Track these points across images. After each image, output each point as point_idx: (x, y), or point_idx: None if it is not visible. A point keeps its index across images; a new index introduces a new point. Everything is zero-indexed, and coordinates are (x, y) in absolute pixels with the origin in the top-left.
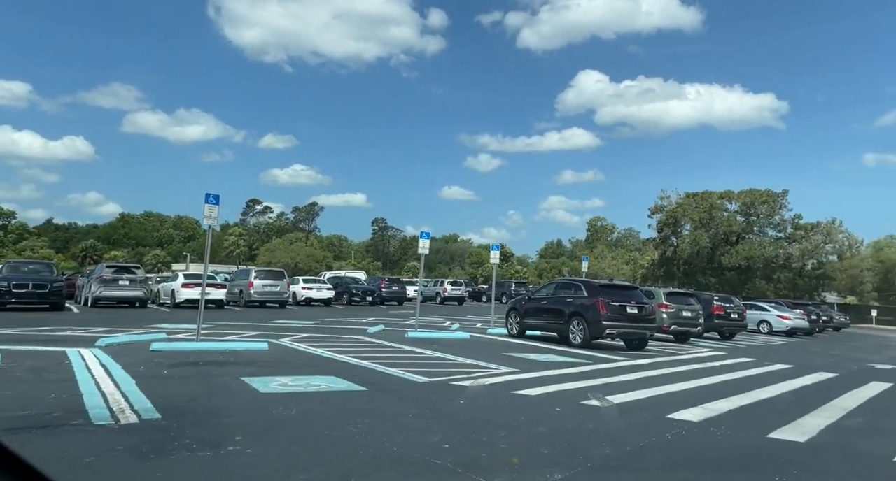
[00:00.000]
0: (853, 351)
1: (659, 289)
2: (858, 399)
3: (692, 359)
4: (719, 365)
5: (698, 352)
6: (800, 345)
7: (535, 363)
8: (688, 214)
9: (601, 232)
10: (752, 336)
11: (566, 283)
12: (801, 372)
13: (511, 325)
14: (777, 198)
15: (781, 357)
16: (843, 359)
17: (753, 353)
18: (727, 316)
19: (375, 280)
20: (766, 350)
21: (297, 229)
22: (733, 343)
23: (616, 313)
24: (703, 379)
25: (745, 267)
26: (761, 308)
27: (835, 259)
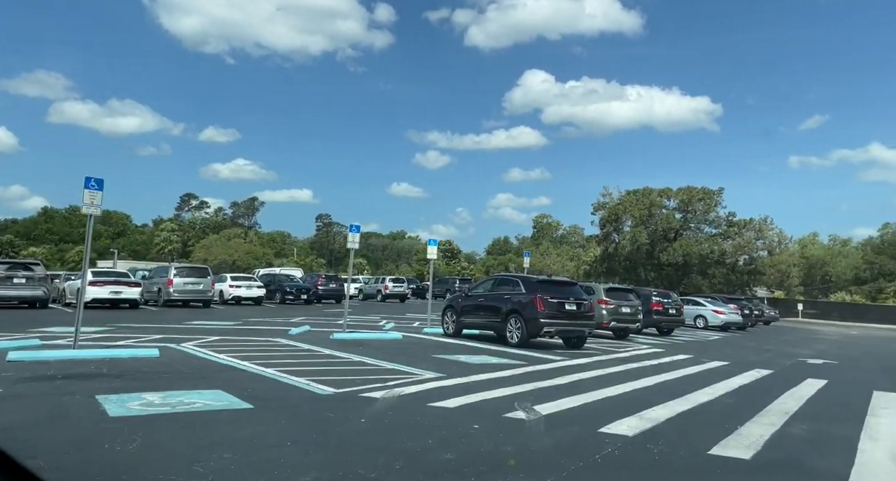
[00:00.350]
0: (784, 345)
1: (599, 285)
2: (797, 400)
3: (630, 357)
4: (657, 363)
5: (637, 349)
6: (734, 340)
7: (466, 366)
8: (628, 211)
9: (547, 229)
10: (689, 331)
11: (504, 279)
12: (737, 370)
13: (447, 324)
14: (713, 195)
15: (718, 353)
16: (777, 354)
17: (691, 350)
18: (665, 311)
19: (312, 277)
20: (703, 346)
21: (236, 225)
22: (671, 339)
23: (554, 310)
24: (641, 380)
25: (682, 263)
26: (697, 303)
27: (765, 255)
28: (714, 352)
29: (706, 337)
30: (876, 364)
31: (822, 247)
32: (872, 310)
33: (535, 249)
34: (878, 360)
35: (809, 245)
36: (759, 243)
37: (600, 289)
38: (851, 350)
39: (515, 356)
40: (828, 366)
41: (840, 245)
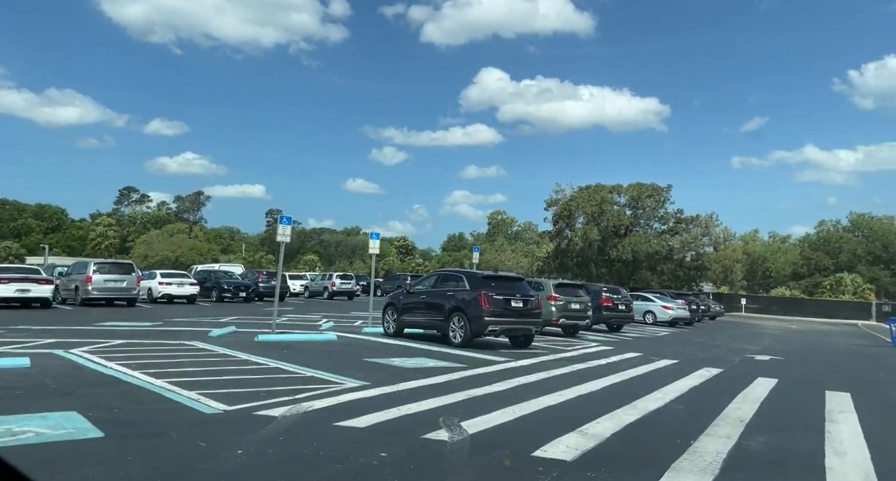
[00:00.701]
0: (731, 340)
1: (548, 281)
2: (751, 403)
3: (578, 356)
4: (605, 363)
5: (585, 347)
6: (683, 336)
7: (397, 371)
8: (581, 207)
9: (502, 225)
10: (639, 327)
11: (447, 275)
12: (687, 369)
13: (387, 323)
14: (662, 192)
15: (667, 350)
16: (724, 351)
17: (640, 347)
18: (615, 307)
19: (253, 273)
20: (652, 342)
21: (181, 220)
22: (621, 335)
23: (500, 308)
24: (587, 384)
25: (632, 259)
26: (646, 299)
27: (711, 251)
28: (663, 350)
29: (655, 333)
30: (820, 360)
31: (763, 243)
32: (810, 304)
33: (489, 246)
34: (821, 356)
35: (751, 241)
36: (706, 239)
37: (549, 284)
38: (795, 344)
39: (456, 358)
40: (776, 363)
41: (779, 242)
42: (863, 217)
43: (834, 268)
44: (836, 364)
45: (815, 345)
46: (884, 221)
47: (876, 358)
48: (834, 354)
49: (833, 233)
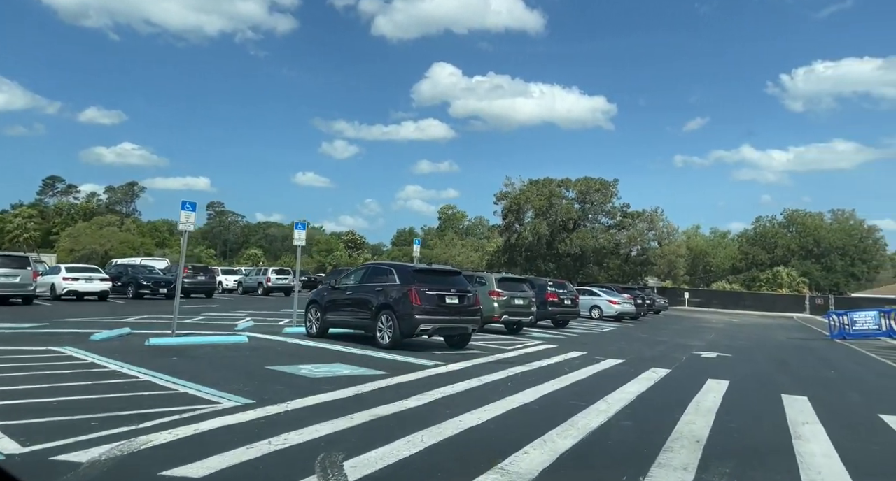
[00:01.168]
0: (676, 335)
1: (490, 275)
2: (705, 415)
3: (518, 357)
4: (546, 365)
5: (528, 345)
6: (628, 332)
7: (300, 382)
8: (530, 201)
9: (453, 220)
10: (585, 322)
11: (377, 269)
12: (633, 370)
13: (310, 323)
14: (609, 187)
15: (612, 347)
16: (670, 347)
17: (585, 344)
18: (561, 302)
19: (177, 268)
20: (598, 339)
21: (112, 212)
22: (566, 331)
23: (433, 304)
24: (522, 393)
25: (580, 253)
26: (593, 293)
27: (656, 245)
28: (608, 347)
29: (601, 328)
30: (767, 356)
31: (704, 239)
32: (748, 297)
33: (440, 241)
34: (767, 352)
35: (693, 237)
36: (651, 234)
37: (492, 279)
38: (738, 339)
39: (379, 363)
40: (723, 362)
41: (719, 237)
42: (796, 213)
43: (770, 262)
44: (784, 361)
45: (757, 339)
46: (815, 217)
47: (819, 353)
48: (779, 349)
49: (769, 228)
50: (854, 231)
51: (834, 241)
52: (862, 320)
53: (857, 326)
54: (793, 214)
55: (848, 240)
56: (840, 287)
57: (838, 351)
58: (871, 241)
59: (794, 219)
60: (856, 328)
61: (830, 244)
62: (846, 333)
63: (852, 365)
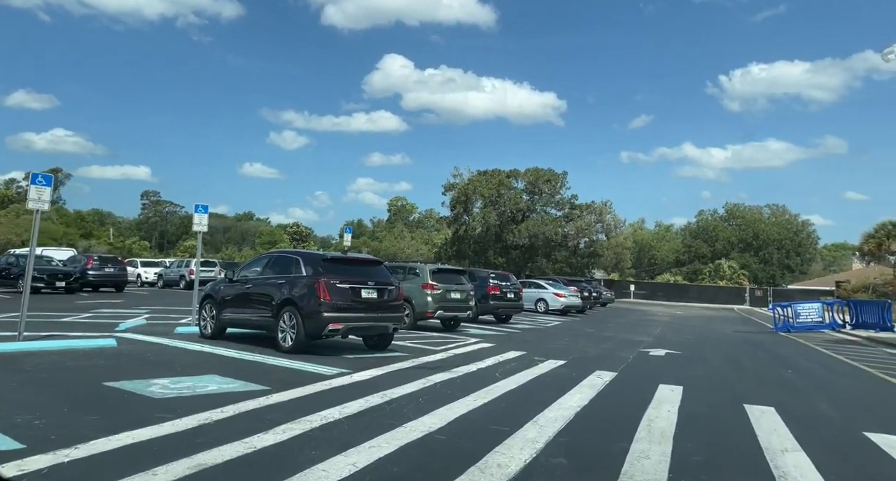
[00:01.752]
0: (622, 330)
1: (424, 266)
2: (661, 444)
3: (445, 361)
4: (475, 371)
5: (461, 344)
6: (574, 327)
7: (134, 408)
8: (478, 191)
9: (402, 212)
10: (530, 316)
11: (281, 257)
12: (575, 375)
13: (204, 321)
14: (558, 178)
15: (555, 345)
16: (617, 344)
17: (526, 342)
18: (503, 296)
19: (82, 259)
20: (541, 335)
21: None
22: (509, 327)
23: (346, 300)
24: (429, 416)
25: (529, 245)
26: (539, 286)
27: (603, 237)
28: (551, 345)
29: (546, 323)
30: (718, 353)
31: (649, 232)
32: (692, 289)
33: (389, 233)
34: (717, 348)
35: (638, 230)
36: (599, 226)
37: (426, 270)
38: (686, 333)
39: (269, 373)
40: (674, 361)
41: (663, 231)
42: (737, 207)
43: (711, 255)
44: (736, 359)
45: (704, 333)
46: (754, 211)
47: (769, 348)
48: (728, 345)
49: (711, 222)
50: (789, 225)
51: (771, 235)
52: (806, 313)
53: (800, 319)
54: (733, 208)
55: (784, 233)
56: (776, 279)
57: (787, 345)
58: (804, 235)
59: (735, 212)
60: (800, 320)
61: (768, 237)
62: (790, 326)
63: (806, 362)
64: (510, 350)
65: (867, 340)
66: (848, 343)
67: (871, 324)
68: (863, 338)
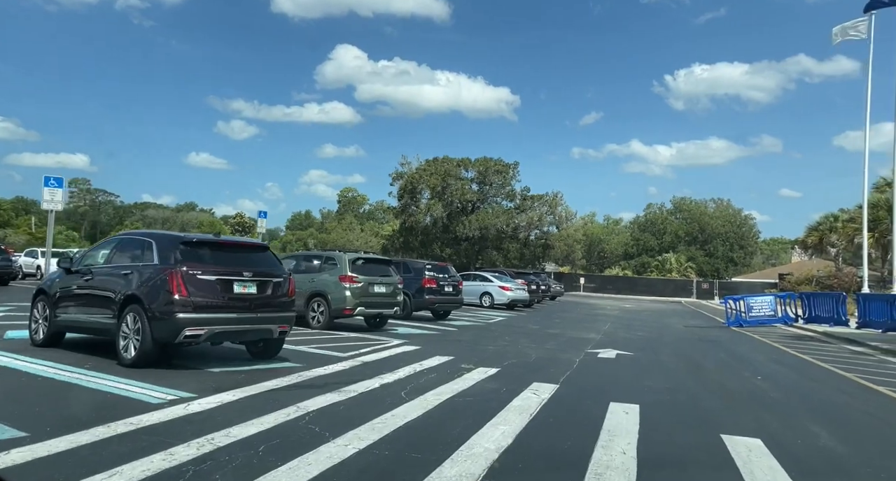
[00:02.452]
0: (570, 326)
1: (343, 255)
2: None
3: (345, 373)
4: (378, 388)
5: (377, 349)
6: (518, 323)
7: None
8: (425, 181)
9: (353, 203)
10: (473, 311)
11: (130, 241)
12: (506, 391)
13: (35, 324)
14: (509, 168)
15: (492, 347)
16: (562, 344)
17: (458, 343)
18: (440, 290)
19: None
20: (479, 334)
21: None
22: (445, 324)
23: (212, 296)
24: (302, 459)
25: (479, 236)
26: (484, 279)
27: (555, 229)
28: (486, 347)
29: (489, 318)
30: (674, 353)
31: (599, 226)
32: (640, 282)
33: (338, 224)
34: (672, 347)
35: (589, 224)
36: (550, 218)
37: (344, 260)
38: (637, 329)
39: (72, 402)
40: (626, 367)
41: (613, 224)
42: (683, 200)
43: (659, 248)
44: (696, 363)
45: (656, 329)
46: (700, 205)
47: (727, 347)
48: (683, 343)
49: (658, 215)
50: (733, 219)
51: (716, 228)
52: (758, 306)
53: (753, 312)
54: (680, 202)
55: (729, 227)
56: (720, 272)
57: (745, 343)
58: (747, 229)
59: (681, 206)
60: (752, 314)
61: (713, 231)
62: (742, 320)
63: (773, 364)
64: (436, 354)
65: (824, 336)
66: (807, 339)
67: (825, 317)
68: (819, 334)
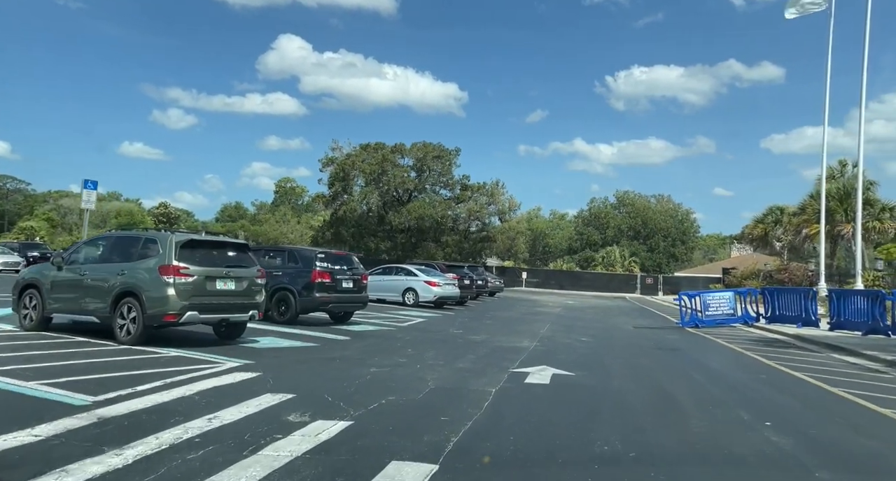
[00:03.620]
0: (502, 328)
1: (167, 237)
2: None
3: (43, 447)
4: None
5: (179, 382)
6: (438, 326)
7: None
8: (358, 167)
9: (291, 194)
10: (392, 310)
11: None
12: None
13: None
14: (449, 155)
15: (372, 372)
16: (482, 358)
17: (322, 368)
18: (336, 285)
19: None
20: (369, 349)
21: None
22: (340, 329)
23: None
24: None
25: (416, 228)
26: (408, 273)
27: (497, 221)
28: (364, 372)
29: (404, 321)
30: (629, 370)
31: (544, 221)
32: (584, 277)
33: (272, 216)
34: (625, 359)
35: (534, 218)
36: (492, 208)
37: (169, 243)
38: (580, 331)
39: None
40: (565, 403)
41: (558, 219)
42: (626, 194)
43: (602, 242)
44: (666, 394)
45: (602, 331)
46: (643, 199)
47: (695, 358)
48: (639, 354)
49: (602, 209)
50: (675, 213)
51: (659, 223)
52: (716, 304)
53: (710, 311)
54: (623, 196)
55: (670, 221)
56: (662, 267)
57: (712, 351)
58: (688, 224)
59: (625, 200)
60: (709, 313)
61: (656, 226)
62: (698, 319)
63: (770, 391)
64: (267, 392)
65: (797, 339)
66: (780, 344)
67: (791, 317)
68: (791, 337)
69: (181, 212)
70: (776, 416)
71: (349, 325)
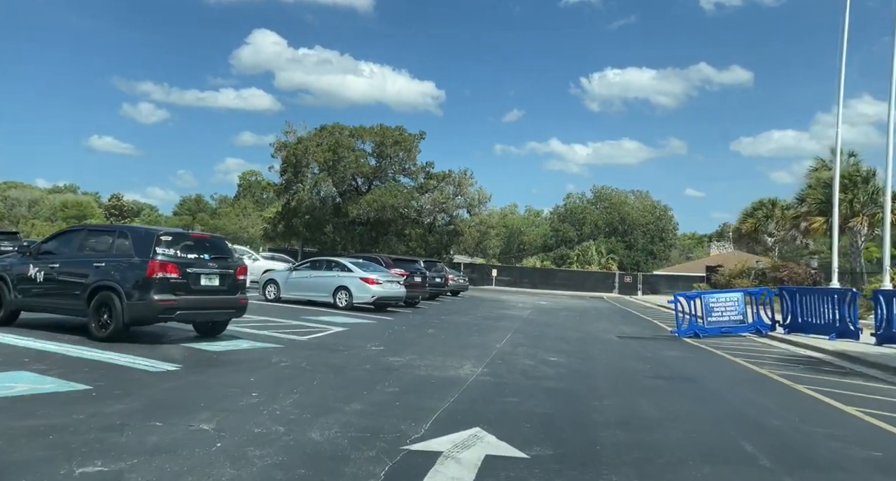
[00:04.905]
0: (440, 344)
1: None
2: None
3: None
4: None
5: None
6: (353, 342)
7: None
8: (312, 153)
9: (254, 187)
10: (315, 314)
11: None
12: None
13: None
14: (412, 140)
15: (162, 469)
16: (376, 408)
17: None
18: (189, 283)
19: None
20: (216, 392)
21: None
22: (191, 347)
23: None
24: None
25: (375, 220)
26: (343, 267)
27: (465, 214)
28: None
29: (315, 330)
30: (650, 468)
31: (520, 218)
32: (559, 275)
33: (232, 209)
34: (620, 417)
35: (509, 215)
36: (460, 199)
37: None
38: (548, 345)
39: None
40: None
41: (533, 216)
42: (604, 189)
43: (578, 239)
44: None
45: (579, 347)
46: (621, 194)
47: (720, 396)
48: (635, 391)
49: (578, 204)
50: (653, 209)
51: (637, 219)
52: (721, 308)
53: (714, 316)
54: (600, 191)
55: (649, 218)
56: (640, 265)
57: (747, 383)
58: (666, 221)
59: (602, 195)
60: (713, 319)
61: (634, 222)
62: (700, 328)
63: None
64: None
65: (842, 358)
66: (827, 368)
67: (819, 325)
68: (831, 354)
69: (144, 206)
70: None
71: (215, 341)
